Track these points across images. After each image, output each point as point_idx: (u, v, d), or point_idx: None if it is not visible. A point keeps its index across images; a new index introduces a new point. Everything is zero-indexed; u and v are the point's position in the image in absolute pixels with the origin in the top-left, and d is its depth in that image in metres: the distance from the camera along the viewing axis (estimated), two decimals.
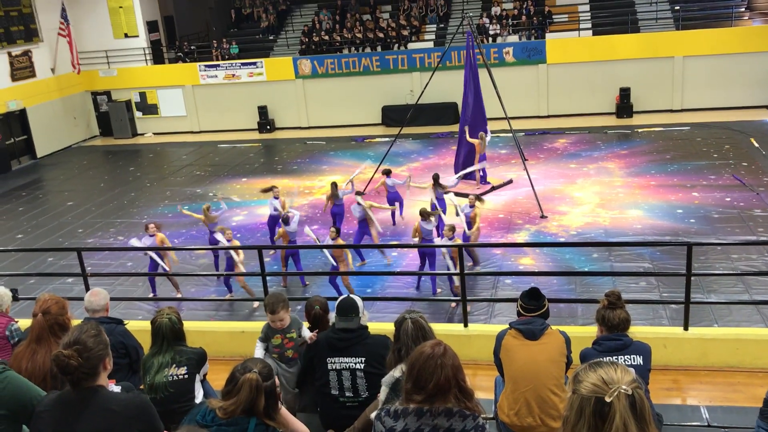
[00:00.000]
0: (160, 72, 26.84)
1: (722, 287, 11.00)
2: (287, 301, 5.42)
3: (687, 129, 21.09)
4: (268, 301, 5.41)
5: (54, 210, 18.45)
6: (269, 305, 5.36)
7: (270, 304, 5.36)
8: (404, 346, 4.07)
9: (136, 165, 23.08)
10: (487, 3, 26.43)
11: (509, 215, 15.18)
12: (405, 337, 4.13)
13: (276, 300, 5.38)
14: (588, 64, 23.53)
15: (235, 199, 13.15)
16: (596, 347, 4.86)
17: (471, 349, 7.21)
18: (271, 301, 5.38)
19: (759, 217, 13.85)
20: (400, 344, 4.13)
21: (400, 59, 24.76)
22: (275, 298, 5.43)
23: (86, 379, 3.42)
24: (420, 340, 4.02)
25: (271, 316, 5.35)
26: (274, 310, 5.32)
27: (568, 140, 21.05)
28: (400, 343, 4.15)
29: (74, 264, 13.41)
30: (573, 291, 11.34)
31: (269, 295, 5.54)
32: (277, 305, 5.32)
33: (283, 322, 5.36)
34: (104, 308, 5.35)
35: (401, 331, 4.17)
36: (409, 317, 4.22)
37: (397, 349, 4.14)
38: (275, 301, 5.38)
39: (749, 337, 7.10)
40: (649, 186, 16.31)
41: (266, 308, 5.39)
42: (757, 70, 22.52)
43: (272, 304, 5.36)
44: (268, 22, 27.88)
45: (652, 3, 24.78)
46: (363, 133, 24.17)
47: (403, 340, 4.13)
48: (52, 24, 25.33)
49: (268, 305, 5.36)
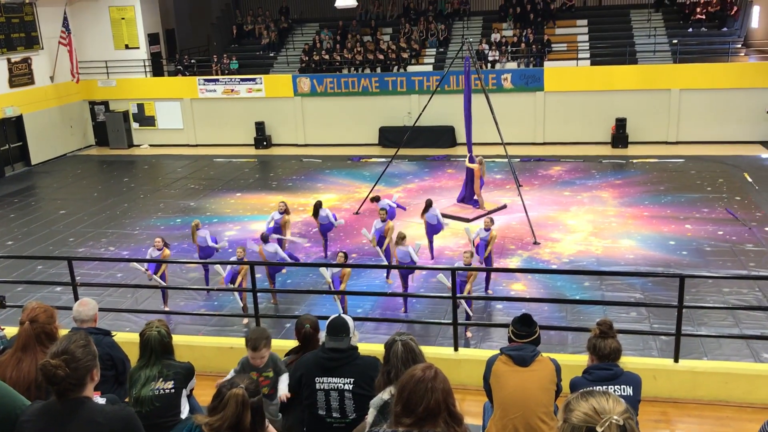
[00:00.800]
0: (159, 84, 26.90)
1: (713, 320, 11.01)
2: (270, 339, 5.28)
3: (681, 161, 21.22)
4: (250, 337, 5.23)
5: (46, 218, 18.37)
6: (251, 341, 5.18)
7: (252, 341, 5.18)
8: (394, 369, 4.04)
9: (130, 176, 23.04)
10: (487, 29, 26.66)
11: (502, 240, 15.18)
12: (395, 360, 4.09)
13: (259, 336, 5.22)
14: (585, 94, 23.71)
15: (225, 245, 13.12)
16: (586, 376, 4.83)
17: (460, 374, 7.16)
18: (254, 337, 5.21)
19: (751, 251, 13.90)
20: (390, 366, 4.10)
21: (399, 81, 24.89)
22: (258, 334, 5.27)
23: (73, 390, 3.37)
24: (410, 363, 3.99)
25: (252, 353, 5.18)
26: (256, 347, 5.15)
27: (563, 168, 21.14)
28: (389, 365, 4.11)
29: (64, 273, 13.33)
30: (564, 319, 11.32)
31: (252, 331, 5.36)
32: (260, 342, 5.17)
33: (263, 359, 5.22)
34: (92, 319, 5.30)
35: (391, 354, 4.14)
36: (400, 339, 4.20)
37: (386, 372, 4.11)
38: (258, 337, 5.21)
39: (739, 371, 7.08)
40: (643, 217, 16.36)
41: (248, 344, 5.21)
42: (752, 106, 22.73)
43: (255, 340, 5.18)
44: (269, 39, 28.03)
45: (651, 36, 25.04)
46: (360, 153, 24.23)
47: (392, 362, 4.10)
48: (53, 32, 25.40)
49: (251, 341, 5.19)
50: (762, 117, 22.80)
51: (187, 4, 31.12)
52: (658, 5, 26.51)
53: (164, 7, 28.51)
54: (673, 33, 25.04)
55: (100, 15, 26.69)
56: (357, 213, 17.43)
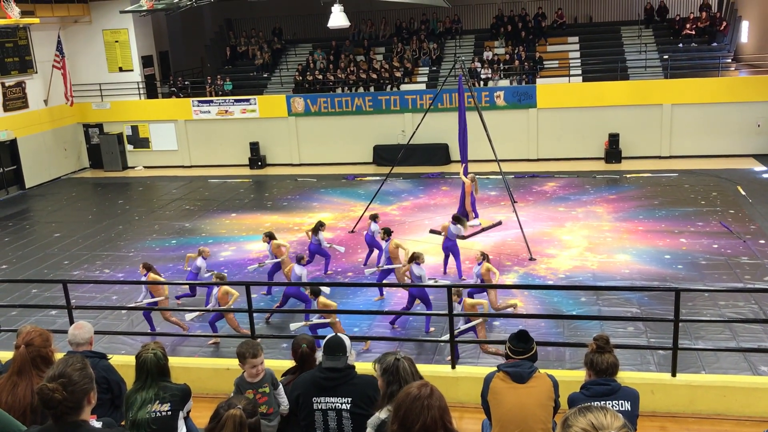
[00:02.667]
0: (153, 106, 26.97)
1: (709, 334, 11.00)
2: (261, 348, 5.26)
3: (675, 176, 21.32)
4: (245, 348, 5.15)
5: (40, 241, 18.32)
6: (249, 352, 5.12)
7: (250, 350, 5.13)
8: (396, 385, 4.04)
9: (125, 198, 23.03)
10: (480, 47, 26.85)
11: (498, 257, 15.20)
12: (405, 375, 4.09)
13: (253, 344, 5.18)
14: (578, 110, 23.85)
15: None
16: (584, 392, 4.83)
17: (458, 392, 7.15)
18: (249, 347, 5.15)
19: (746, 264, 13.93)
20: (397, 385, 4.09)
21: (392, 100, 25.01)
22: (251, 344, 5.20)
23: (70, 414, 3.35)
24: (417, 376, 4.03)
25: (252, 361, 5.13)
26: (255, 354, 5.11)
27: (557, 184, 21.21)
28: (395, 384, 4.10)
29: (59, 296, 13.29)
30: (561, 334, 11.31)
31: (243, 343, 5.28)
32: (257, 348, 5.14)
33: (262, 366, 5.18)
34: (88, 342, 5.28)
35: (401, 371, 4.11)
36: (402, 357, 4.20)
37: (392, 392, 4.09)
38: (253, 345, 5.16)
39: (737, 384, 7.08)
40: (637, 231, 16.40)
41: (245, 356, 5.14)
42: (743, 120, 22.89)
43: (253, 347, 5.13)
44: (262, 60, 28.17)
45: (641, 51, 25.25)
46: (354, 172, 24.28)
47: (402, 377, 4.09)
48: (47, 56, 25.49)
49: (248, 352, 5.12)
50: (753, 130, 22.95)
51: (181, 26, 31.29)
52: (649, 21, 26.76)
53: (158, 30, 28.65)
54: (663, 49, 25.26)
55: (93, 38, 26.81)
56: (352, 231, 17.44)
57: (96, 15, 26.58)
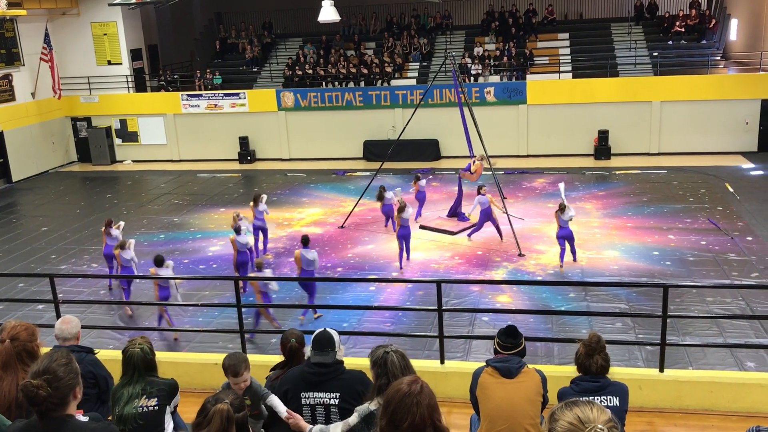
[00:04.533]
0: (142, 100, 26.81)
1: (697, 330, 11.07)
2: (248, 361, 5.08)
3: (664, 172, 21.41)
4: (228, 363, 4.99)
5: (27, 235, 18.19)
6: (231, 368, 4.95)
7: (232, 367, 4.95)
8: (393, 378, 4.05)
9: (113, 192, 22.89)
10: (470, 43, 26.84)
11: (487, 252, 15.22)
12: (393, 369, 4.13)
13: (237, 361, 4.98)
14: (567, 106, 23.90)
15: None
16: (573, 387, 4.84)
17: (447, 386, 7.15)
18: (232, 363, 4.96)
19: (733, 261, 14.02)
20: (387, 378, 4.10)
21: (383, 95, 24.96)
22: (236, 359, 5.02)
23: (55, 410, 3.32)
24: (407, 371, 4.05)
25: (234, 379, 4.98)
26: (237, 372, 4.93)
27: (546, 180, 21.25)
28: (386, 376, 4.12)
29: (46, 290, 13.22)
30: (549, 330, 11.34)
31: (228, 357, 5.09)
32: (240, 366, 4.95)
33: (246, 383, 5.01)
34: (75, 336, 5.24)
35: (389, 364, 4.15)
36: (391, 351, 4.22)
37: (382, 384, 4.10)
38: (237, 362, 4.97)
39: (724, 380, 7.12)
40: (626, 227, 16.47)
41: (227, 372, 4.99)
42: (732, 117, 23.01)
43: (234, 366, 4.94)
44: (252, 54, 28.05)
45: (631, 48, 25.32)
46: (344, 167, 24.25)
47: (391, 371, 4.13)
48: (34, 49, 25.27)
49: (230, 368, 4.95)
50: (742, 128, 23.08)
51: (170, 19, 31.11)
52: (638, 18, 26.83)
53: (147, 23, 28.47)
54: (653, 46, 25.35)
55: (82, 31, 26.60)
56: (342, 227, 17.42)
57: (84, 7, 26.37)
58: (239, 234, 13.41)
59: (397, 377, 4.00)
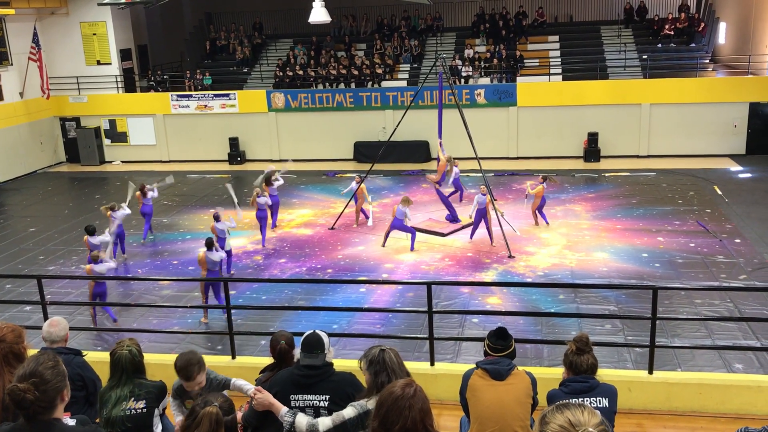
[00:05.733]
0: (131, 100, 26.68)
1: (686, 332, 11.12)
2: (202, 361, 4.93)
3: (653, 175, 21.50)
4: (180, 365, 4.84)
5: (15, 236, 18.06)
6: (182, 371, 4.80)
7: (183, 370, 4.79)
8: (392, 374, 4.10)
9: (102, 192, 22.76)
10: (461, 45, 26.88)
11: (477, 254, 15.24)
12: (392, 365, 4.17)
13: (189, 364, 4.82)
14: (557, 108, 23.97)
15: None
16: (563, 389, 4.84)
17: (437, 389, 7.14)
18: (183, 366, 4.81)
19: (722, 263, 14.09)
20: (385, 375, 4.13)
21: (373, 96, 24.96)
22: (186, 360, 4.84)
23: (42, 413, 3.28)
24: (403, 367, 4.11)
25: (186, 383, 4.85)
26: (189, 376, 4.78)
27: (536, 182, 21.26)
28: (383, 374, 4.12)
29: (33, 292, 13.09)
30: (539, 332, 11.36)
31: (179, 358, 4.93)
32: (192, 370, 4.81)
33: (201, 385, 4.89)
34: (63, 339, 5.20)
35: (387, 361, 4.16)
36: (387, 348, 4.23)
37: (380, 382, 4.10)
38: (188, 365, 4.81)
39: (712, 382, 7.15)
40: (615, 229, 16.52)
41: (179, 374, 4.86)
42: (721, 120, 23.15)
43: (185, 369, 4.79)
44: (242, 54, 27.98)
45: (621, 51, 25.43)
46: (334, 168, 24.22)
47: (390, 367, 4.16)
48: (22, 48, 25.11)
49: (182, 371, 4.81)
50: (730, 131, 23.22)
51: (160, 19, 30.98)
52: (628, 21, 26.96)
53: (137, 23, 28.35)
54: (642, 49, 25.46)
55: (71, 30, 26.45)
56: (332, 228, 17.39)
57: (73, 7, 26.22)
58: (218, 223, 13.56)
59: (396, 372, 4.03)
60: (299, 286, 13.59)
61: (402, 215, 15.35)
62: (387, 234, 15.81)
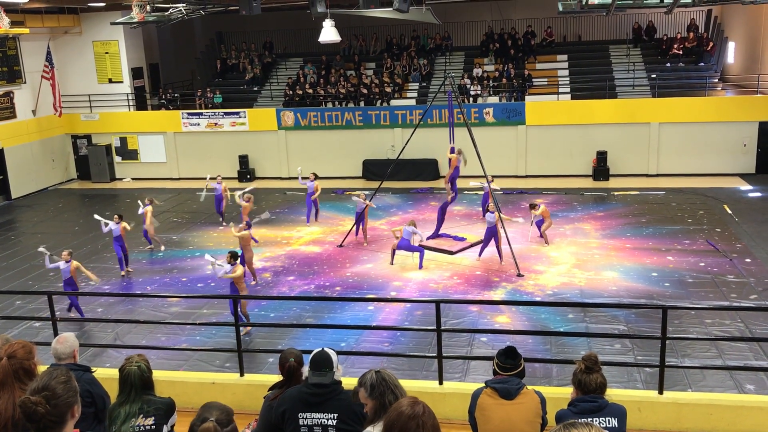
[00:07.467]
0: (143, 118, 26.90)
1: (696, 351, 11.04)
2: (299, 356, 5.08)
3: (662, 194, 21.45)
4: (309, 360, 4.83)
5: (26, 252, 18.15)
6: None
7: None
8: (396, 390, 4.05)
9: (112, 209, 22.83)
10: (469, 64, 27.00)
11: (486, 273, 15.21)
12: (393, 382, 4.10)
13: None
14: (566, 127, 24.00)
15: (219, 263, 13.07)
16: (572, 408, 4.81)
17: (446, 407, 7.12)
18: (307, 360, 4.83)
19: (732, 282, 14.00)
20: (392, 394, 4.05)
21: (382, 115, 25.07)
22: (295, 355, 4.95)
23: (52, 428, 3.29)
24: (400, 386, 4.02)
25: None
26: None
27: (545, 200, 21.22)
28: (391, 392, 4.06)
29: (43, 308, 13.17)
30: (548, 351, 11.30)
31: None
32: None
33: None
34: (71, 356, 5.20)
35: (387, 381, 4.09)
36: (379, 369, 4.17)
37: (389, 400, 4.05)
38: None
39: (723, 402, 7.09)
40: (625, 248, 16.47)
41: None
42: (730, 139, 23.11)
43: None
44: (253, 73, 28.19)
45: (629, 70, 25.48)
46: (343, 186, 24.28)
47: (392, 384, 4.09)
48: (36, 66, 25.41)
49: None
50: (740, 150, 23.17)
51: (172, 38, 31.30)
52: (637, 41, 27.03)
53: (148, 42, 28.65)
54: (651, 68, 25.50)
55: (83, 49, 26.76)
56: (341, 246, 17.41)
57: (86, 26, 26.55)
58: (218, 262, 12.71)
59: (399, 388, 4.00)
60: (307, 304, 13.59)
61: (409, 235, 15.36)
62: (393, 252, 15.83)
